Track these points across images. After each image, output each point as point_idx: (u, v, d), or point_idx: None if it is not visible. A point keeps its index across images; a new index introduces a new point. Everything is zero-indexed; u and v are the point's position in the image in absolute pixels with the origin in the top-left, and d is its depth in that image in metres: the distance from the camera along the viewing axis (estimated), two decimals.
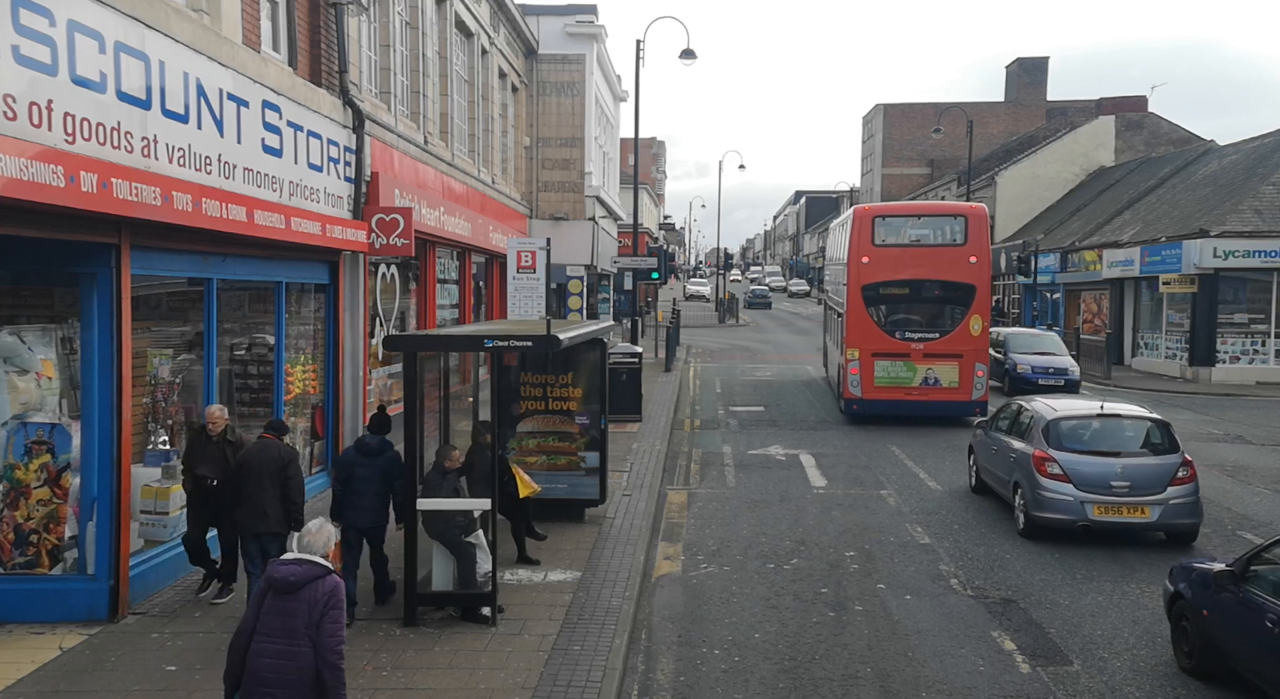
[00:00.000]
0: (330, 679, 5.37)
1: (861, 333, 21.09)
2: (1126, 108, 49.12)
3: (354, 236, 13.67)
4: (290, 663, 5.32)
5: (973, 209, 21.76)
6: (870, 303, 21.21)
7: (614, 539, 11.82)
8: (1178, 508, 11.83)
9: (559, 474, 12.52)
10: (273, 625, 5.37)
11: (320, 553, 5.62)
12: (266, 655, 5.34)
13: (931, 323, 21.22)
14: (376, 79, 16.63)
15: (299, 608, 5.37)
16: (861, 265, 21.23)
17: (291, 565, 5.50)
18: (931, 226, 22.33)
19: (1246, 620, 7.62)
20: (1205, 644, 8.18)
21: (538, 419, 12.63)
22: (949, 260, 21.03)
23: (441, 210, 18.64)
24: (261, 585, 5.54)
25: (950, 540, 12.32)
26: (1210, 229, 28.63)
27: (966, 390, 20.69)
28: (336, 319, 14.00)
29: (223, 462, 9.21)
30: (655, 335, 35.94)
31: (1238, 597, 7.79)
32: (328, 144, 13.30)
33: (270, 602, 5.42)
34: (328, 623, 5.39)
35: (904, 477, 15.99)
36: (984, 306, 20.97)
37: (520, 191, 29.10)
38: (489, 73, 24.44)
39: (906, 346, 20.88)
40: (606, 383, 12.81)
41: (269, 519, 8.78)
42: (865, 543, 12.16)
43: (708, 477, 15.94)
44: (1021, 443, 12.99)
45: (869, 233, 21.43)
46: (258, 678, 5.34)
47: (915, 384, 20.82)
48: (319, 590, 5.42)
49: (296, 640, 5.34)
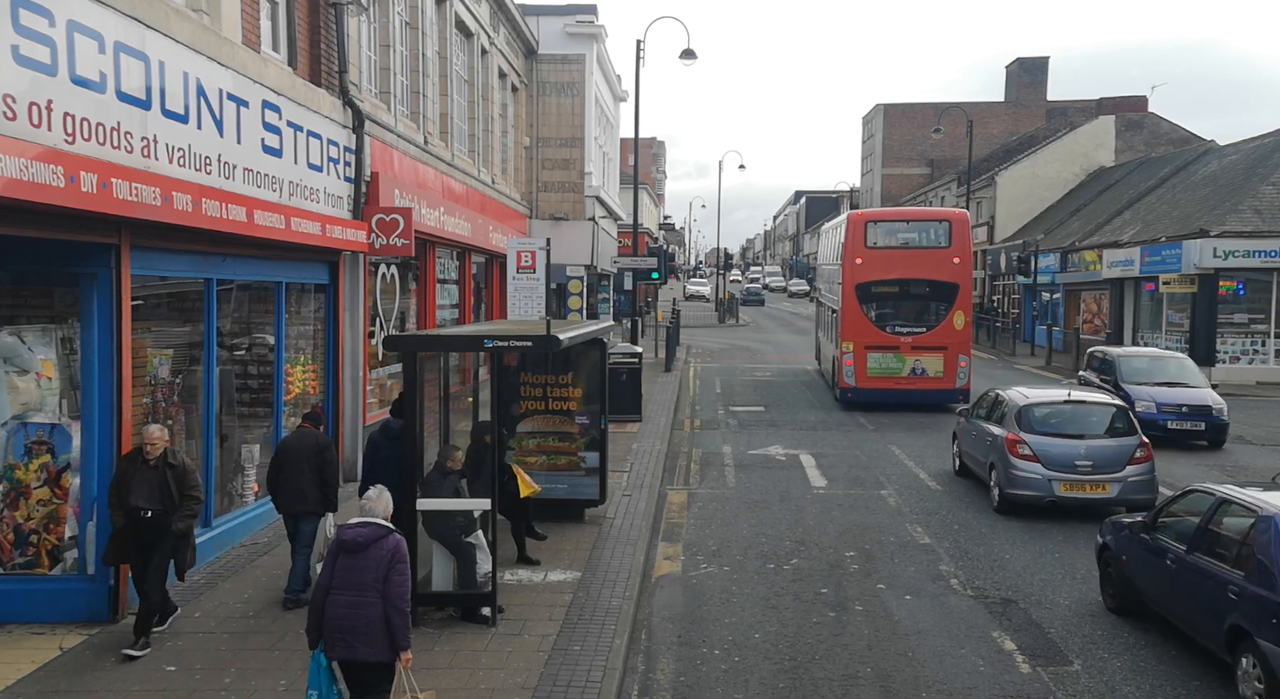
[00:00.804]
0: (398, 623, 6.18)
1: (855, 327, 23.03)
2: (1126, 108, 49.12)
3: (354, 237, 13.67)
4: (361, 611, 6.14)
5: (956, 214, 23.89)
6: (863, 300, 23.08)
7: (614, 539, 11.82)
8: (1135, 485, 12.94)
9: (559, 474, 12.52)
10: (346, 580, 6.20)
11: (381, 516, 6.46)
12: (341, 606, 6.17)
13: (919, 318, 23.06)
14: (376, 79, 16.64)
15: (367, 564, 6.19)
16: (855, 265, 23.16)
17: (358, 528, 6.33)
18: (919, 230, 24.00)
19: (1153, 562, 9.05)
20: (1124, 585, 9.60)
21: (538, 419, 12.63)
22: (935, 261, 22.97)
23: (441, 210, 18.65)
24: (333, 547, 6.35)
25: (950, 540, 12.32)
26: (1210, 229, 28.63)
27: (950, 379, 22.65)
28: (336, 319, 14.00)
29: (162, 490, 8.24)
30: (655, 335, 35.93)
31: (1148, 543, 9.22)
32: (327, 144, 13.30)
33: (342, 560, 6.25)
34: (394, 575, 6.21)
35: (904, 477, 15.99)
36: (966, 303, 23.03)
37: (520, 192, 29.11)
38: (489, 73, 24.44)
39: (896, 340, 22.78)
40: (606, 383, 12.81)
41: (307, 500, 9.45)
42: (865, 543, 12.16)
43: (708, 477, 15.95)
44: (997, 427, 14.12)
45: (862, 236, 23.38)
46: (334, 625, 6.19)
47: (904, 374, 22.78)
48: (384, 548, 6.24)
49: (365, 592, 6.15)
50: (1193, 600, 8.47)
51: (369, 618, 6.13)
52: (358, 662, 6.21)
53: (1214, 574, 8.14)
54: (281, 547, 11.18)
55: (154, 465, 8.27)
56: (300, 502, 9.41)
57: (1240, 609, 7.68)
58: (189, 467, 8.52)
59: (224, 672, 7.86)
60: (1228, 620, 7.81)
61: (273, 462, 9.80)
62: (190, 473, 8.46)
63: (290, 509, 9.48)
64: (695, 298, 76.50)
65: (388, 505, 6.59)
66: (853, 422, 21.46)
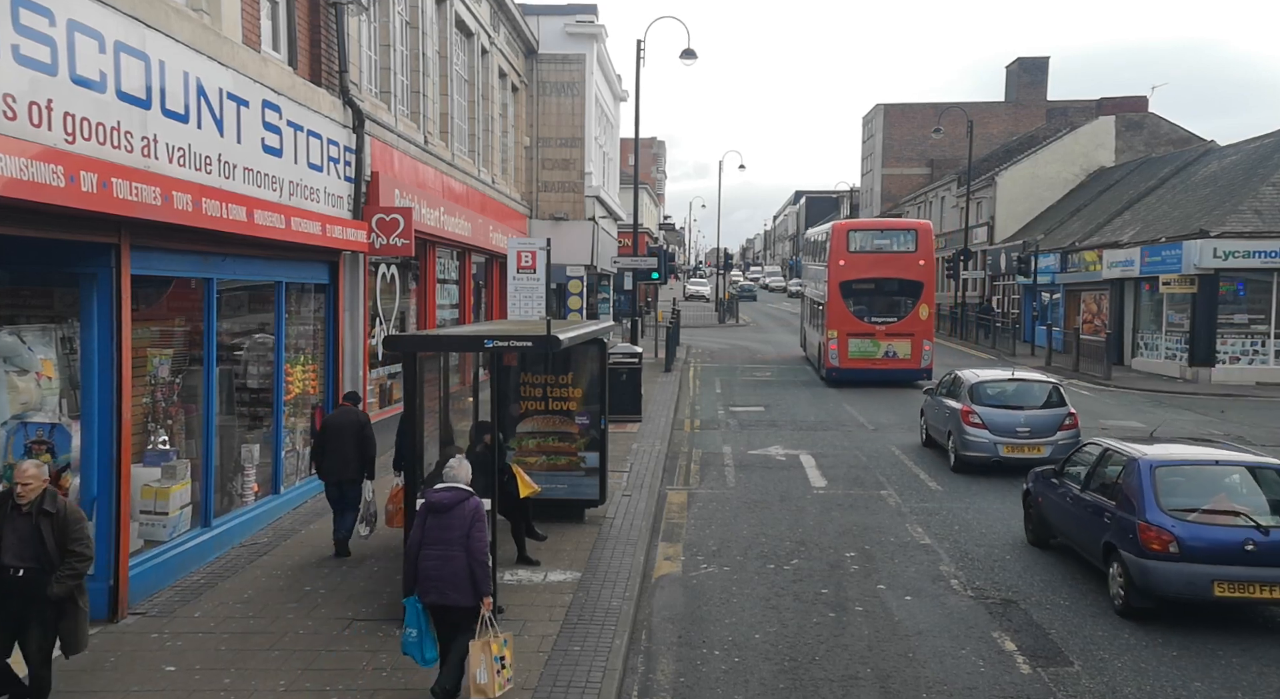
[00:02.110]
0: (480, 573, 7.14)
1: (839, 318, 27.51)
2: (1127, 108, 49.09)
3: (354, 236, 13.67)
4: (448, 563, 7.11)
5: (921, 224, 29.38)
6: (845, 295, 27.49)
7: (614, 539, 11.82)
8: (1064, 447, 15.03)
9: (559, 474, 12.51)
10: (434, 537, 7.18)
11: (463, 481, 7.44)
12: (431, 559, 7.16)
13: (890, 310, 27.44)
14: (376, 79, 16.63)
15: (453, 523, 7.16)
16: (839, 267, 27.68)
17: (444, 492, 7.32)
18: (891, 237, 28.69)
19: (1058, 500, 11.45)
20: (1039, 521, 12.04)
21: (538, 419, 12.62)
22: (904, 263, 27.60)
23: (441, 210, 18.65)
24: (422, 509, 7.35)
25: (950, 541, 12.31)
26: (1210, 229, 28.62)
27: (917, 360, 27.28)
28: (336, 319, 14.00)
29: (36, 543, 6.66)
30: (655, 335, 35.90)
31: (1055, 486, 11.62)
32: (328, 144, 13.30)
33: (430, 520, 7.22)
34: (475, 533, 7.16)
35: (904, 477, 15.98)
36: (930, 298, 27.57)
37: (520, 191, 29.11)
38: (489, 72, 24.44)
39: (872, 328, 27.30)
40: (606, 383, 12.80)
41: (350, 468, 10.74)
42: (865, 543, 12.15)
43: (708, 477, 15.94)
44: (954, 402, 16.83)
45: (844, 242, 28.03)
46: (426, 575, 7.17)
47: (879, 356, 27.33)
48: (466, 509, 7.22)
49: (451, 547, 7.12)
50: (1082, 527, 10.82)
51: (455, 569, 7.08)
52: (449, 606, 7.17)
53: (1096, 506, 10.51)
54: (281, 547, 11.21)
55: (26, 512, 6.70)
56: (345, 470, 10.73)
57: (1110, 530, 10.05)
58: (73, 514, 6.86)
59: (224, 672, 7.85)
60: (1103, 539, 10.17)
61: (318, 436, 11.11)
62: (74, 523, 6.82)
63: (336, 477, 10.77)
64: (695, 298, 76.47)
65: (468, 472, 7.56)
66: (853, 422, 21.46)
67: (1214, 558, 9.22)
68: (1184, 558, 9.25)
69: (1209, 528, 9.38)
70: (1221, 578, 9.17)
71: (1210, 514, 9.54)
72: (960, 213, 50.48)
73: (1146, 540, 9.41)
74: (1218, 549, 9.23)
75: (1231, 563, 9.17)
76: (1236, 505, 9.61)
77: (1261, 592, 9.15)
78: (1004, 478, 15.68)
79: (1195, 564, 9.22)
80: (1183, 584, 9.26)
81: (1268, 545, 9.15)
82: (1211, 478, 10.07)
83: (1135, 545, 9.51)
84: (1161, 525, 9.40)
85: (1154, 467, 9.90)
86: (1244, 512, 9.51)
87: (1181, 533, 9.32)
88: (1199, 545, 9.26)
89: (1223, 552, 9.21)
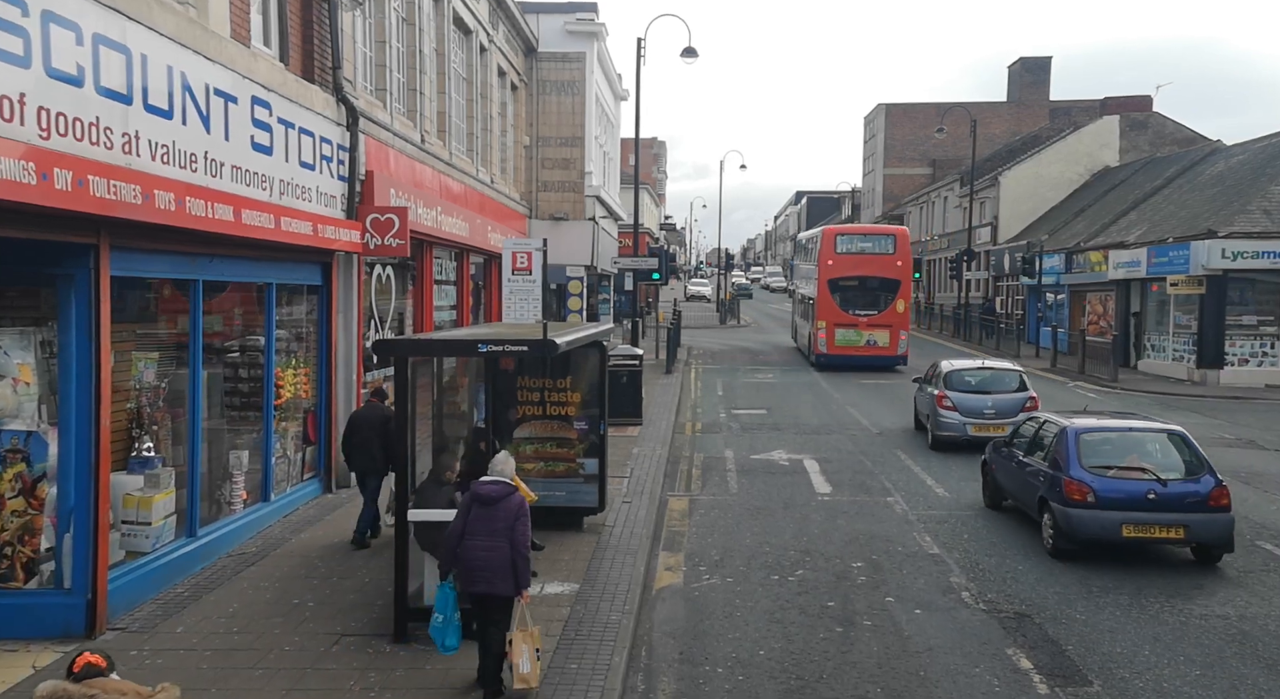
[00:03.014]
0: (522, 565, 7.32)
1: (827, 311, 31.25)
2: (1131, 107, 48.74)
3: (347, 237, 13.32)
4: (493, 553, 7.27)
5: (899, 230, 34.35)
6: (833, 291, 31.25)
7: (613, 549, 11.47)
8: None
9: (557, 481, 12.17)
10: (480, 528, 7.33)
11: (508, 476, 7.61)
12: (478, 549, 7.31)
13: (872, 304, 31.11)
14: (372, 76, 16.28)
15: (499, 515, 7.33)
16: (828, 266, 31.54)
17: (490, 485, 7.48)
18: (873, 241, 32.82)
19: (1007, 466, 13.31)
20: (994, 486, 13.85)
21: (535, 425, 12.28)
22: (884, 263, 31.43)
23: (439, 210, 18.30)
24: (467, 499, 7.53)
25: (960, 551, 11.95)
26: (1219, 229, 28.26)
27: (894, 348, 31.02)
28: (330, 321, 13.65)
29: None
30: (656, 336, 35.52)
31: (1005, 454, 13.46)
32: (320, 141, 12.95)
33: (476, 511, 7.38)
34: (519, 525, 7.34)
35: (911, 483, 15.63)
36: (907, 294, 31.39)
37: (520, 191, 28.76)
38: (488, 71, 24.09)
39: (855, 319, 31.00)
40: (606, 387, 12.46)
41: (376, 461, 11.14)
42: (873, 553, 11.80)
43: (710, 482, 15.59)
44: (932, 388, 18.81)
45: (832, 244, 32.03)
46: (471, 564, 7.33)
47: (861, 344, 31.00)
48: (512, 503, 7.41)
49: (497, 538, 7.28)
50: (1023, 487, 12.71)
51: (499, 559, 7.23)
52: (494, 595, 7.31)
53: (1034, 468, 12.36)
54: (269, 557, 10.87)
55: None
56: (370, 462, 11.22)
57: (1043, 486, 11.94)
58: None
59: (204, 693, 7.50)
60: (1038, 495, 12.05)
61: (346, 430, 11.60)
62: None
63: (361, 469, 11.34)
64: (696, 298, 76.10)
65: (513, 467, 7.74)
66: (856, 425, 21.12)
67: (1123, 505, 11.16)
68: (1099, 506, 11.20)
69: (1120, 481, 11.35)
70: (1129, 522, 11.09)
71: (1122, 471, 11.50)
72: (963, 213, 50.12)
73: (1070, 492, 11.35)
74: (1126, 498, 11.19)
75: (1137, 509, 11.12)
76: (1144, 463, 11.55)
77: (1160, 532, 11.15)
78: None
79: (1109, 511, 11.15)
80: (1098, 528, 11.18)
81: (1166, 495, 11.14)
82: (1125, 442, 12.08)
83: (1061, 497, 11.44)
84: (1082, 480, 11.35)
85: (1078, 433, 11.89)
86: (1149, 468, 11.46)
87: (1098, 486, 11.27)
88: (1112, 495, 11.20)
89: (1130, 500, 11.17)
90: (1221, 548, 11.30)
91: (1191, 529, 11.07)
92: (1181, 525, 11.04)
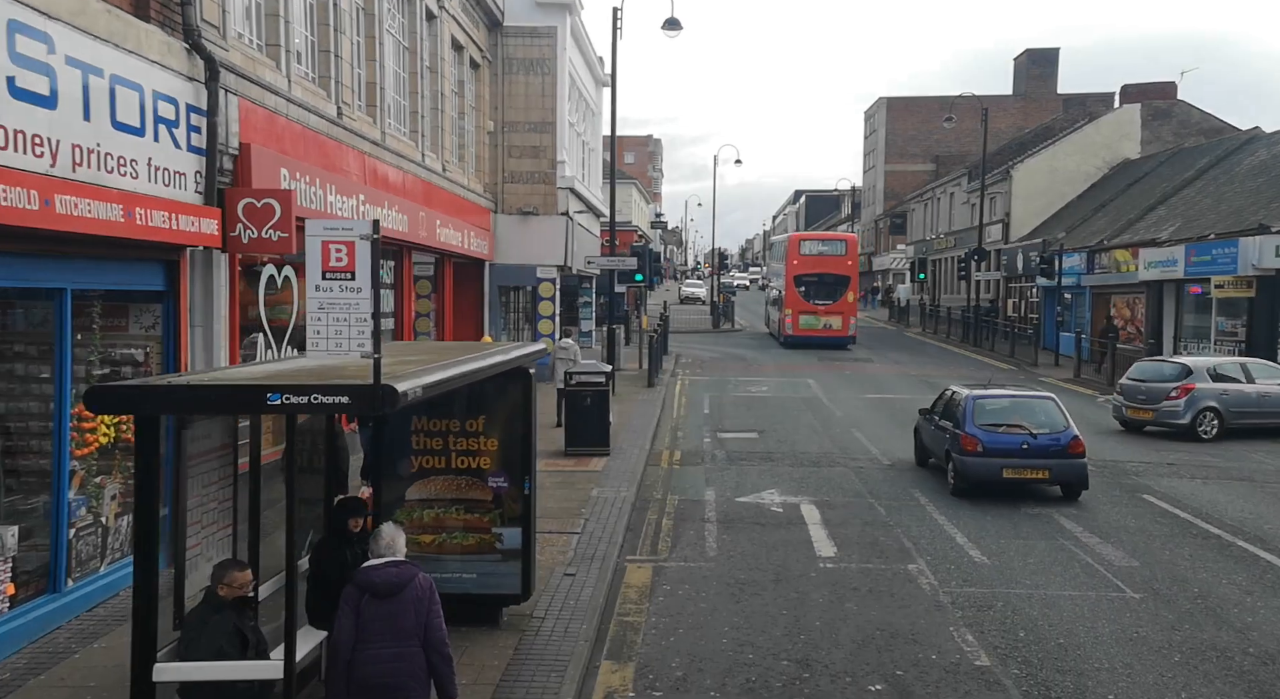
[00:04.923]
0: (445, 671, 5.70)
1: (793, 301, 38.99)
2: (1153, 96, 45.44)
3: (197, 227, 10.06)
4: (404, 664, 5.55)
5: (849, 237, 45.12)
6: (797, 285, 38.89)
7: (537, 658, 8.24)
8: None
9: (467, 560, 8.88)
10: (379, 630, 5.52)
11: (401, 552, 5.84)
12: (382, 661, 5.50)
13: (829, 295, 38.70)
14: (260, 27, 13.01)
15: (404, 608, 5.60)
16: (793, 265, 39.42)
17: (386, 568, 5.70)
18: (830, 245, 41.46)
19: (929, 429, 16.22)
20: (921, 448, 16.77)
21: (436, 482, 8.98)
22: (837, 263, 39.47)
23: (361, 198, 15.08)
24: (353, 594, 5.59)
25: (1020, 659, 8.64)
26: (1271, 224, 24.98)
27: (845, 330, 38.72)
28: (178, 337, 10.38)
29: None
30: (640, 343, 32.19)
31: (928, 419, 16.35)
32: (155, 99, 9.68)
33: (371, 609, 5.55)
34: (433, 618, 5.69)
35: (936, 539, 12.37)
36: (855, 287, 39.35)
37: (483, 182, 25.48)
38: (438, 42, 20.81)
39: (815, 307, 38.64)
40: (534, 428, 9.21)
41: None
42: (896, 664, 8.51)
43: (682, 540, 12.31)
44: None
45: (797, 248, 40.34)
46: (368, 684, 5.48)
47: (819, 328, 38.56)
48: (419, 588, 5.70)
49: (405, 642, 5.56)
50: (938, 445, 15.53)
51: (414, 670, 5.59)
52: None
53: (946, 428, 15.15)
54: (21, 689, 7.50)
55: None
56: None
57: (949, 442, 14.87)
58: None
59: None
60: (945, 449, 14.97)
61: None
62: None
63: None
64: (691, 300, 72.71)
65: (403, 540, 5.99)
66: (864, 453, 17.87)
67: (1003, 454, 14.23)
68: (986, 455, 14.23)
69: (1002, 435, 14.37)
70: (1008, 466, 14.18)
71: (1004, 428, 14.51)
72: (970, 210, 46.85)
73: (965, 444, 14.35)
74: (1005, 448, 14.25)
75: (1013, 457, 14.22)
76: (1022, 422, 14.56)
77: (1030, 474, 14.28)
78: (1065, 537, 12.11)
79: (992, 458, 14.22)
80: (985, 471, 14.25)
81: (1035, 445, 14.24)
82: (1009, 406, 15.18)
83: (959, 448, 14.42)
84: (974, 435, 14.33)
85: (975, 399, 15.04)
86: (1025, 426, 14.49)
87: (985, 439, 14.30)
88: (995, 446, 14.25)
89: (1008, 450, 14.24)
90: (1079, 486, 14.37)
91: (1054, 471, 14.28)
92: (1046, 469, 14.24)
